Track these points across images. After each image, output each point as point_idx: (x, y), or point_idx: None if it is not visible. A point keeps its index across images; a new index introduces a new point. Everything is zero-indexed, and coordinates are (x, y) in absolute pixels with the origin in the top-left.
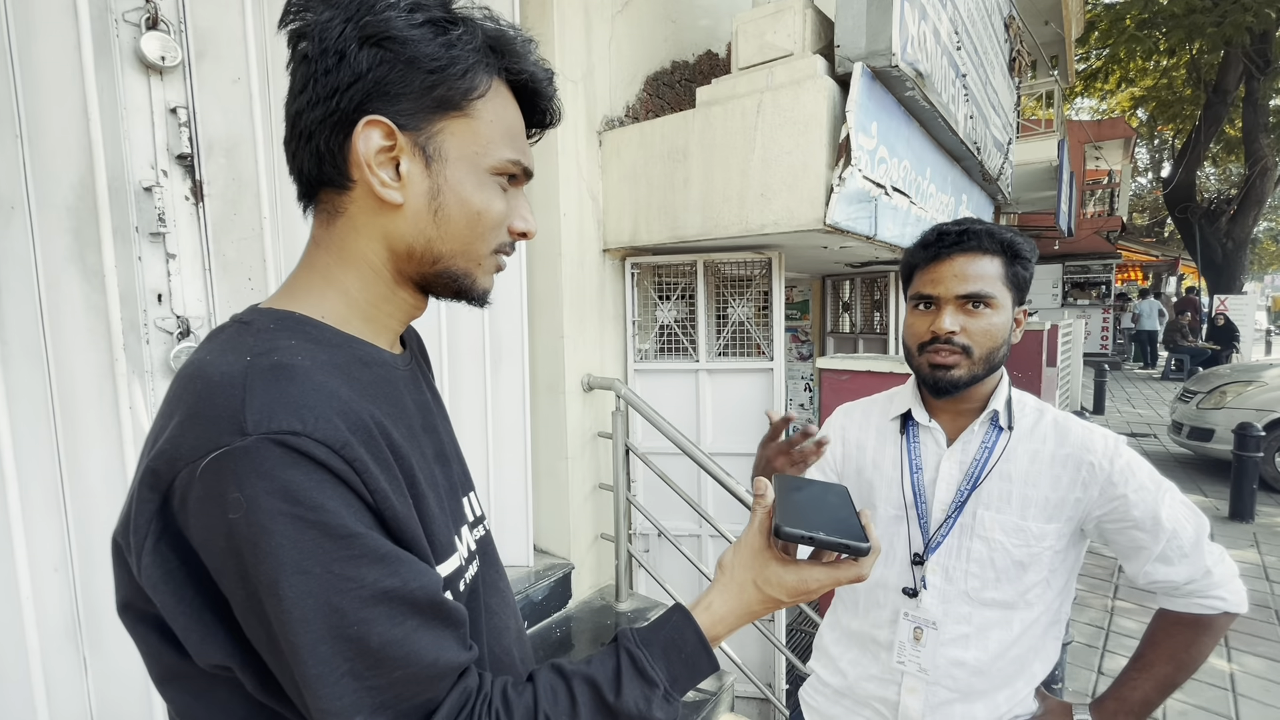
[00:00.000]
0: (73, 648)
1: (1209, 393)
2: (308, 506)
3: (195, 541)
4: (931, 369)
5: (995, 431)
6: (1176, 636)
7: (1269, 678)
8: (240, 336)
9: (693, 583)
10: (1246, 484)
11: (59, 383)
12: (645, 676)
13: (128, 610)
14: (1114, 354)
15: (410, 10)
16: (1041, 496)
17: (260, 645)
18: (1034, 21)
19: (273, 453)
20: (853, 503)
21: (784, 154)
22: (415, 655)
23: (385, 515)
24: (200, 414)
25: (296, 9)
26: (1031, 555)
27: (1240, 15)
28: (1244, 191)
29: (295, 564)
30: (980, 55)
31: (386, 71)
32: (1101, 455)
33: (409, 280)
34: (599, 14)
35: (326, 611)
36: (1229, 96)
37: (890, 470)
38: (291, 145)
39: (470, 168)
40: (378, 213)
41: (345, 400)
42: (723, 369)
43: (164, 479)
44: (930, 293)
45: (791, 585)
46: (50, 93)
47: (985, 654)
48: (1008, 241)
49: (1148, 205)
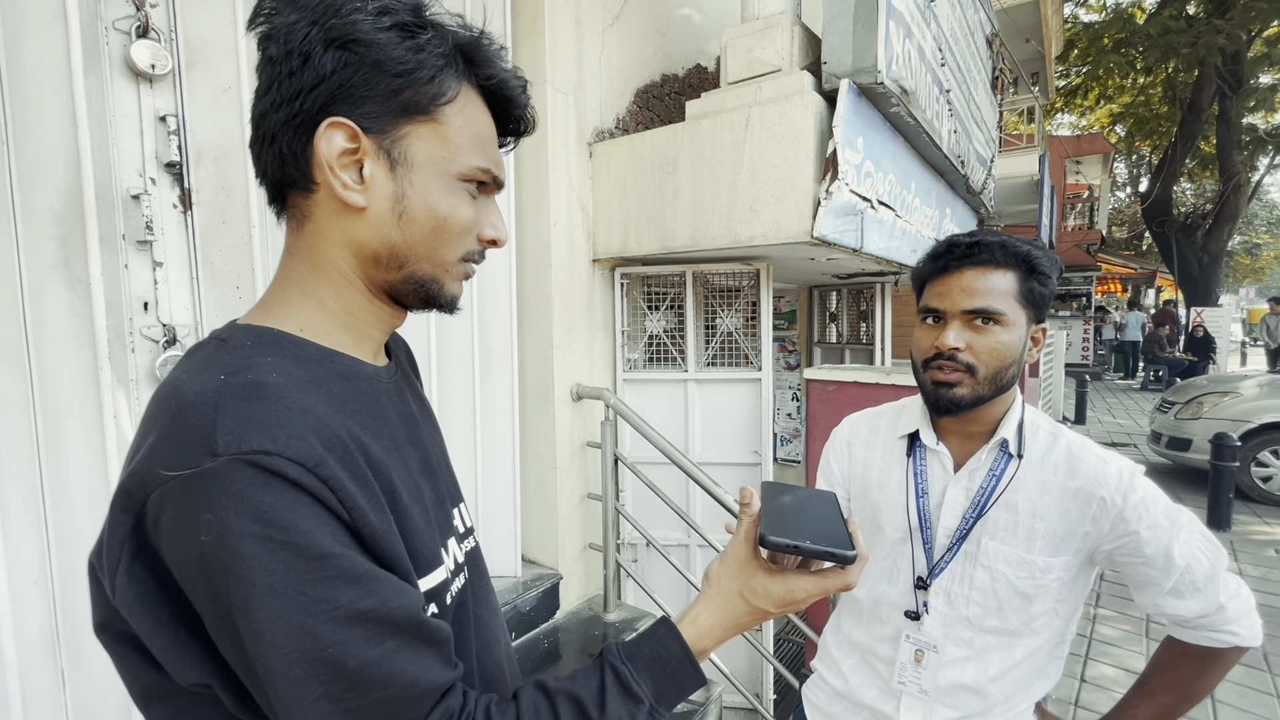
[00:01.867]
0: (51, 662)
1: (1186, 403)
2: (279, 527)
3: (169, 562)
4: (934, 386)
5: (1005, 459)
6: (1184, 668)
7: (1246, 684)
8: (217, 354)
9: (681, 592)
10: (1223, 493)
11: (41, 391)
12: (630, 693)
13: (106, 630)
14: (1095, 365)
15: (378, 14)
16: (1049, 529)
17: (235, 665)
18: (1015, 39)
19: (244, 474)
20: (840, 510)
21: (772, 167)
22: (394, 676)
23: (363, 533)
24: (172, 434)
25: (265, 12)
26: (1037, 588)
27: (1213, 36)
28: (1218, 206)
29: (267, 586)
30: (963, 72)
31: (351, 74)
32: (1114, 490)
33: (379, 288)
34: (590, 27)
35: (299, 634)
36: (1203, 114)
37: (896, 494)
38: (256, 147)
39: (437, 173)
40: (341, 216)
41: (320, 417)
42: (711, 379)
43: (136, 500)
44: (937, 306)
45: (779, 595)
46: (38, 99)
47: (985, 676)
48: (1023, 255)
49: (1126, 219)
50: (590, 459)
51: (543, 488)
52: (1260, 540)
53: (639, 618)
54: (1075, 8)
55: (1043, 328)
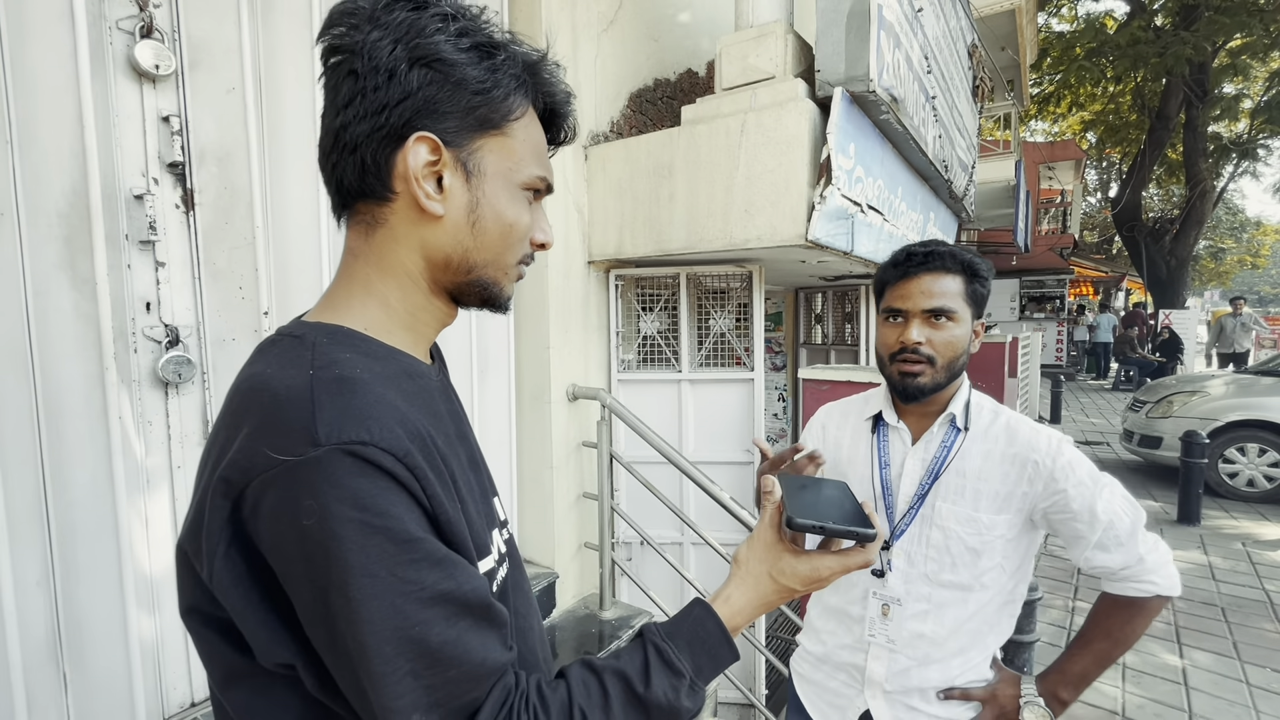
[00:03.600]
0: (54, 665)
1: (1157, 402)
2: (374, 513)
3: (264, 546)
4: (901, 376)
5: (954, 432)
6: (1114, 616)
7: (1218, 671)
8: (297, 351)
9: (676, 589)
10: (1193, 489)
11: (44, 392)
12: (672, 668)
13: (192, 614)
14: (1068, 366)
15: (458, 35)
16: (992, 490)
17: (321, 646)
18: (991, 47)
19: (343, 462)
20: (853, 495)
21: (767, 172)
22: (467, 655)
23: (440, 520)
24: (271, 425)
25: (336, 26)
26: (984, 543)
27: (1180, 47)
28: (1185, 212)
29: (363, 567)
30: (947, 80)
31: (435, 91)
32: (1045, 454)
33: (442, 289)
34: (585, 32)
35: (391, 613)
36: (1171, 122)
37: (862, 467)
38: (333, 157)
39: (504, 183)
40: (418, 224)
41: (403, 411)
42: (704, 379)
43: (236, 487)
44: (899, 307)
45: (805, 574)
46: (43, 99)
47: (942, 628)
48: (968, 262)
49: (1097, 224)
50: (586, 458)
51: (539, 487)
52: (1228, 534)
53: (634, 615)
54: (1049, 17)
55: (982, 322)
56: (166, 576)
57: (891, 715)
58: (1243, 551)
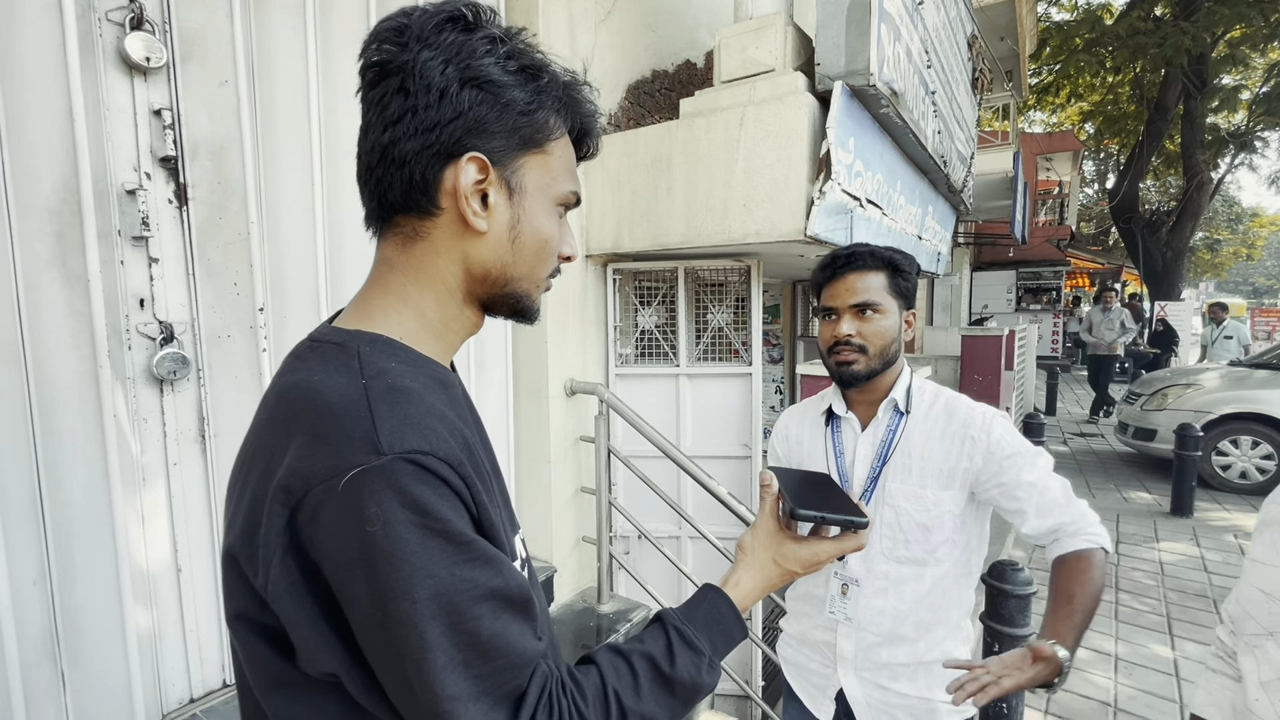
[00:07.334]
0: (51, 663)
1: (1151, 395)
2: (434, 518)
3: (321, 553)
4: (838, 366)
5: (898, 416)
6: (1073, 568)
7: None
8: (343, 359)
9: (673, 583)
10: (1186, 481)
11: (38, 389)
12: (694, 648)
13: (239, 620)
14: (1063, 358)
15: (506, 57)
16: (935, 468)
17: (373, 649)
18: (990, 37)
19: (406, 470)
20: (839, 485)
21: (766, 166)
22: (511, 646)
23: (484, 524)
24: (330, 434)
25: (384, 43)
26: (932, 519)
27: (1179, 38)
28: (1182, 204)
29: (425, 568)
30: (947, 73)
31: (485, 111)
32: (979, 429)
33: (476, 300)
34: (583, 22)
35: (450, 609)
36: (1169, 114)
37: (820, 458)
38: (379, 171)
39: (542, 199)
40: (460, 238)
41: (452, 420)
42: (702, 374)
43: (295, 495)
44: (831, 305)
45: (805, 558)
46: (32, 92)
47: (902, 603)
48: (889, 259)
49: (1094, 215)
50: (583, 453)
51: (537, 482)
52: (1220, 526)
53: (632, 609)
54: (1048, 7)
55: (913, 312)
56: (163, 573)
57: (863, 693)
58: (1235, 544)
